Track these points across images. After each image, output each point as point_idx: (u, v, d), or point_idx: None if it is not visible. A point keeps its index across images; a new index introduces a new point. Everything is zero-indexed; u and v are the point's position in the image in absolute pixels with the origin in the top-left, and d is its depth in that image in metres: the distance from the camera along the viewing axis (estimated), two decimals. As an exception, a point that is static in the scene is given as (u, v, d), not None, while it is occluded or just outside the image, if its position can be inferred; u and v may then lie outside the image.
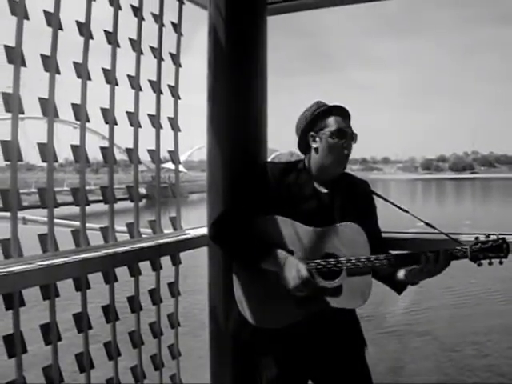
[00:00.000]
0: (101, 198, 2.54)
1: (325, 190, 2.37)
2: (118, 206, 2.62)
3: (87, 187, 2.48)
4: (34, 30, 2.47)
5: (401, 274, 2.27)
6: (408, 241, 2.74)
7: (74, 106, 2.38)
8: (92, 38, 2.42)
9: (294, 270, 2.10)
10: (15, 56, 2.05)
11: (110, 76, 2.56)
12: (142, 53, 2.74)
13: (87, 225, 2.44)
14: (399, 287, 2.36)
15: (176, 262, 2.93)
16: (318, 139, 2.35)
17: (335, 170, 2.36)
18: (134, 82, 2.71)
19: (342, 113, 2.37)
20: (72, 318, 2.32)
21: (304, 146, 2.44)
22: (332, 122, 2.33)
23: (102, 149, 2.57)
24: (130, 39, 2.70)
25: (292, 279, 2.10)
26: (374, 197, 2.48)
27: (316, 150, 2.36)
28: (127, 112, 2.70)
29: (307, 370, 2.32)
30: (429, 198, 57.51)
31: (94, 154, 2.89)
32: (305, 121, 2.41)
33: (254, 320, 2.21)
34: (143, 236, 2.78)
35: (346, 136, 2.31)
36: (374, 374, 2.37)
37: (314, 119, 2.37)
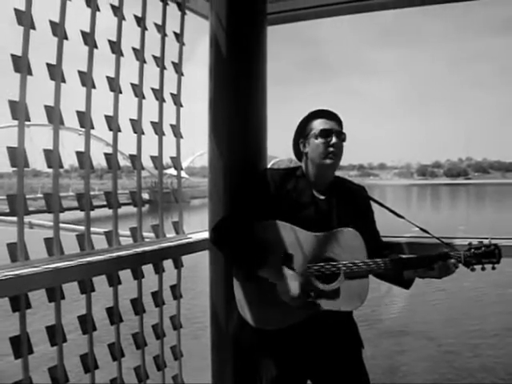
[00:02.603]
0: (105, 203, 2.55)
1: (323, 197, 2.37)
2: (122, 210, 2.62)
3: (92, 193, 2.48)
4: (40, 39, 2.47)
5: (409, 272, 2.27)
6: (403, 245, 2.75)
7: (78, 113, 2.38)
8: (96, 47, 2.43)
9: (287, 284, 2.12)
10: (22, 65, 2.05)
11: (113, 84, 2.56)
12: (145, 62, 2.74)
13: (92, 229, 2.44)
14: (406, 284, 2.37)
15: (178, 265, 2.93)
16: (307, 144, 2.38)
17: (327, 170, 2.35)
18: (138, 90, 2.71)
19: (325, 115, 2.38)
20: (77, 320, 2.33)
21: (298, 154, 2.46)
22: (316, 125, 2.35)
23: (106, 155, 2.57)
24: (134, 48, 2.71)
25: (285, 294, 2.13)
26: (371, 202, 2.48)
27: (306, 154, 2.38)
28: (131, 119, 2.70)
29: (306, 371, 2.32)
30: (424, 203, 57.53)
31: (99, 161, 2.88)
32: (295, 131, 2.44)
33: (253, 322, 2.21)
34: (146, 240, 2.78)
35: (330, 135, 2.32)
36: (371, 374, 2.37)
37: (302, 127, 2.41)
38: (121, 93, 2.59)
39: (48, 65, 2.21)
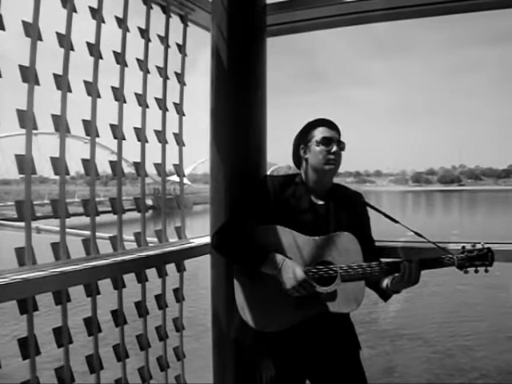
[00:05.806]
0: (110, 208, 2.54)
1: (321, 202, 2.37)
2: (126, 216, 2.61)
3: (97, 199, 2.48)
4: (47, 50, 2.47)
5: (384, 283, 2.27)
6: (399, 249, 2.74)
7: (84, 122, 2.38)
8: (101, 58, 2.43)
9: (291, 271, 2.09)
10: (29, 75, 2.05)
11: (118, 94, 2.56)
12: (148, 72, 2.75)
13: (97, 234, 2.44)
14: (384, 295, 2.36)
15: (180, 269, 2.93)
16: (307, 150, 2.38)
17: (326, 176, 2.36)
18: (141, 99, 2.72)
19: (326, 124, 2.38)
20: (83, 322, 2.32)
21: (297, 160, 2.46)
22: (317, 133, 2.35)
23: (111, 162, 2.57)
24: (138, 59, 2.71)
25: (289, 280, 2.10)
26: (367, 207, 2.48)
27: (306, 160, 2.38)
28: (135, 128, 2.70)
29: (304, 371, 2.31)
30: (418, 209, 57.50)
31: (104, 168, 2.90)
32: (296, 138, 2.45)
33: (254, 324, 2.20)
34: (150, 245, 2.77)
35: (331, 143, 2.32)
36: (368, 374, 2.36)
37: (303, 134, 2.41)
38: (125, 102, 2.59)
39: (55, 75, 2.22)
